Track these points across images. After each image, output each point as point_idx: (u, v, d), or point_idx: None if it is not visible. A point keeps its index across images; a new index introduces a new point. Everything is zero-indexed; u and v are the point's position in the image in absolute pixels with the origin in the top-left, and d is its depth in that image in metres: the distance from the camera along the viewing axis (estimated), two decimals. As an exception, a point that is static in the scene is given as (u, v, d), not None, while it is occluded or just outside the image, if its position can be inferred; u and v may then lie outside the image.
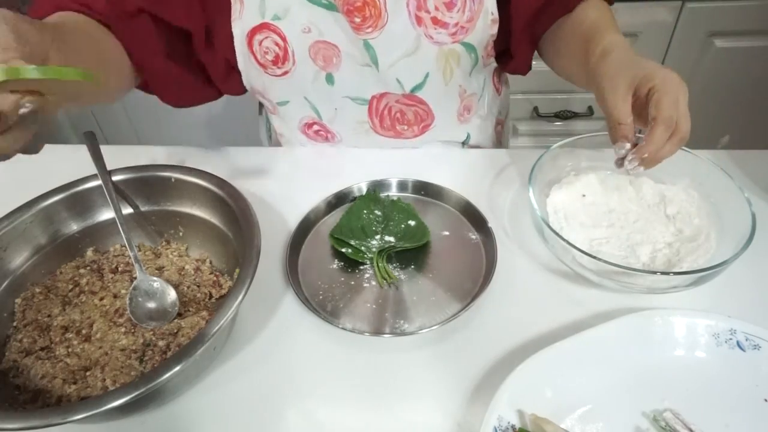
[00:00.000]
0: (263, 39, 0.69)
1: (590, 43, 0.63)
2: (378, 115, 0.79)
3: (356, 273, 0.64)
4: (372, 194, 0.72)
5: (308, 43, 0.70)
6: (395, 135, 0.81)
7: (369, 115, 0.78)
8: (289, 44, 0.70)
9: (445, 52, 0.71)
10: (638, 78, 0.54)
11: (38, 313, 0.58)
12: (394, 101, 0.76)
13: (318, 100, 0.78)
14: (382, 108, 0.77)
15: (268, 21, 0.68)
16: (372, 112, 0.78)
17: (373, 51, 0.69)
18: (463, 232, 0.68)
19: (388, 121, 0.79)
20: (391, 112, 0.78)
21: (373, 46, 0.69)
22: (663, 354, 0.52)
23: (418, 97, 0.76)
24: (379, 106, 0.77)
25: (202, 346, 0.46)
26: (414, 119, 0.79)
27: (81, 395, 0.52)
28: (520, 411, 0.48)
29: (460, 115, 0.81)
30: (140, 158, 0.69)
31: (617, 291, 0.60)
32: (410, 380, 0.54)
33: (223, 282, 0.62)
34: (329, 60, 0.71)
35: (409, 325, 0.58)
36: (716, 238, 0.60)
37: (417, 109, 0.77)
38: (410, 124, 0.79)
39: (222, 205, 0.62)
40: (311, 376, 0.55)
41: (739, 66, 1.42)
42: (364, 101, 0.77)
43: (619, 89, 0.55)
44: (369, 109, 0.78)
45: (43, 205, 0.62)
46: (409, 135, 0.81)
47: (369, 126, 0.80)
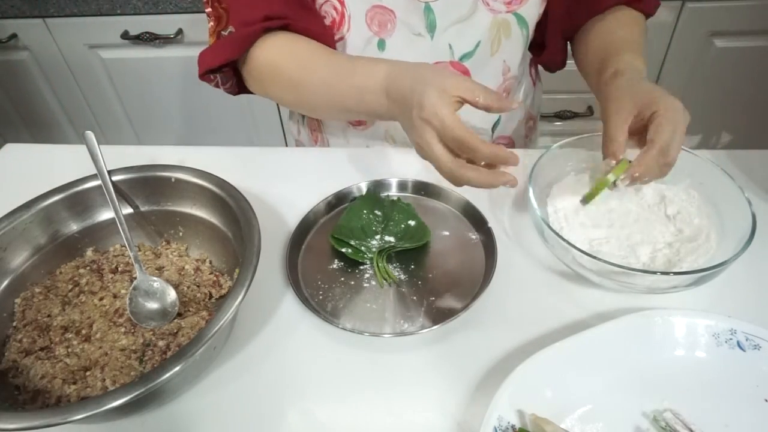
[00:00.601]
0: (323, 3, 0.71)
1: (607, 61, 0.65)
2: None
3: (356, 273, 0.64)
4: (372, 194, 0.72)
5: (366, 8, 0.71)
6: None
7: None
8: (346, 8, 0.71)
9: (498, 21, 0.72)
10: (643, 101, 0.56)
11: (38, 313, 0.58)
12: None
13: None
14: None
15: None
16: None
17: (432, 15, 0.70)
18: (463, 232, 0.68)
19: None
20: None
21: (433, 9, 0.70)
22: (663, 354, 0.52)
23: (463, 65, 0.76)
24: None
25: (202, 346, 0.46)
26: None
27: (81, 395, 0.52)
28: (520, 411, 0.48)
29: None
30: (140, 158, 0.69)
31: (617, 291, 0.60)
32: (410, 380, 0.54)
33: (223, 282, 0.62)
34: (384, 25, 0.72)
35: (409, 325, 0.58)
36: (716, 238, 0.60)
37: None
38: None
39: (222, 205, 0.62)
40: (311, 376, 0.55)
41: (739, 66, 1.42)
42: None
43: (622, 110, 0.56)
44: None
45: (43, 205, 0.62)
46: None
47: None
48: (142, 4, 1.38)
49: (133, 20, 1.41)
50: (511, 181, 0.53)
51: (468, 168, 0.53)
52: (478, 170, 0.53)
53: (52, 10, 1.41)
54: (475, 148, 0.51)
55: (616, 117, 0.56)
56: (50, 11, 1.42)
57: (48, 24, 1.44)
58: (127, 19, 1.41)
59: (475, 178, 0.53)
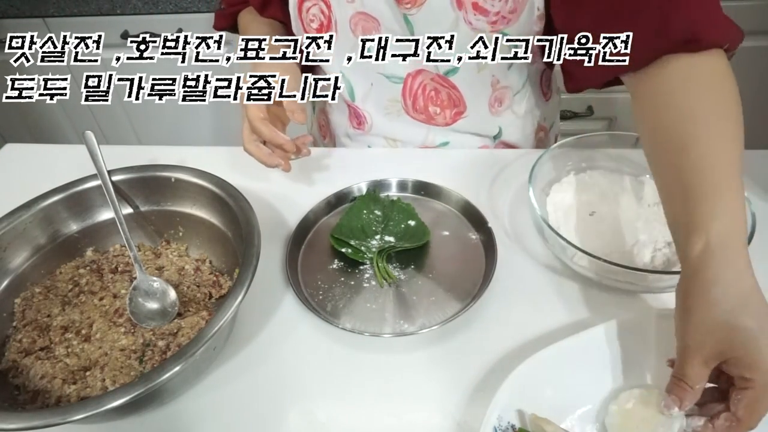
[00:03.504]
0: (311, 6, 0.73)
1: (685, 204, 0.46)
2: (411, 95, 0.78)
3: (356, 273, 0.64)
4: (372, 194, 0.72)
5: (350, 13, 0.71)
6: (427, 119, 0.80)
7: (402, 94, 0.78)
8: (333, 13, 0.71)
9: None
10: (736, 356, 0.41)
11: (38, 313, 0.58)
12: (429, 79, 0.76)
13: (353, 76, 0.79)
14: (417, 87, 0.77)
15: None
16: (406, 91, 0.78)
17: (411, 26, 0.70)
18: (463, 232, 0.68)
19: (421, 102, 0.79)
20: (425, 90, 0.78)
21: (411, 21, 0.69)
22: (663, 354, 0.52)
23: (450, 81, 0.75)
24: (413, 84, 0.77)
25: (202, 346, 0.46)
26: (447, 101, 0.78)
27: (81, 395, 0.52)
28: (520, 411, 0.48)
29: (491, 106, 0.79)
30: (140, 158, 0.69)
31: (617, 290, 0.60)
32: (410, 380, 0.54)
33: (223, 282, 0.62)
34: (368, 32, 0.72)
35: (409, 325, 0.58)
36: (716, 238, 0.60)
37: (450, 92, 0.77)
38: (443, 106, 0.79)
39: (222, 205, 0.62)
40: (311, 376, 0.55)
41: (739, 66, 1.42)
42: (399, 79, 0.77)
43: (705, 349, 0.41)
44: (403, 89, 0.78)
45: (43, 205, 0.62)
46: (441, 121, 0.80)
47: (401, 106, 0.80)
48: (142, 4, 1.38)
49: (133, 20, 1.41)
50: (282, 165, 0.69)
51: (254, 144, 0.69)
52: (260, 147, 0.69)
53: (52, 10, 1.41)
54: (256, 129, 0.67)
55: (697, 354, 0.42)
56: (50, 11, 1.42)
57: (48, 24, 1.44)
58: (127, 19, 1.41)
59: (254, 152, 0.69)
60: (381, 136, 0.84)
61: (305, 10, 0.73)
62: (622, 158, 0.71)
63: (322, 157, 0.83)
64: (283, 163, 0.69)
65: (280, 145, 0.68)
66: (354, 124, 0.85)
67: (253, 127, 0.67)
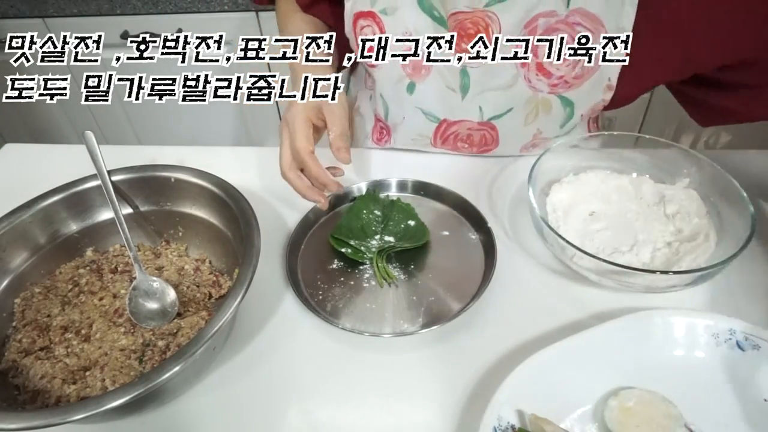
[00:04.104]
0: (365, 26, 0.69)
1: None
2: (442, 137, 0.78)
3: (356, 273, 0.64)
4: (372, 194, 0.72)
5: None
6: (452, 149, 0.80)
7: (434, 132, 0.77)
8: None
9: (538, 99, 0.68)
10: None
11: (38, 313, 0.58)
12: (465, 129, 0.75)
13: (392, 101, 0.77)
14: (451, 133, 0.76)
15: (375, 11, 0.67)
16: (438, 132, 0.77)
17: (467, 79, 0.68)
18: (463, 232, 0.68)
19: (451, 141, 0.78)
20: (458, 137, 0.77)
21: (469, 74, 0.68)
22: (662, 354, 0.52)
23: (491, 123, 0.74)
24: (448, 130, 0.76)
25: (201, 346, 0.46)
26: (479, 142, 0.77)
27: (80, 395, 0.52)
28: (520, 411, 0.48)
29: (524, 148, 0.78)
30: (140, 158, 0.69)
31: (617, 290, 0.60)
32: (410, 380, 0.54)
33: (223, 282, 0.62)
34: (418, 70, 0.70)
35: (409, 325, 0.58)
36: (715, 237, 0.60)
37: (485, 133, 0.75)
38: (472, 145, 0.78)
39: (222, 205, 0.62)
40: (311, 376, 0.55)
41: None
42: (436, 119, 0.75)
43: None
44: (436, 129, 0.77)
45: (43, 205, 0.62)
46: (466, 153, 0.80)
47: (429, 141, 0.79)
48: (141, 4, 1.38)
49: (133, 20, 1.41)
50: (321, 203, 0.65)
51: (295, 173, 0.64)
52: (301, 178, 0.64)
53: (52, 10, 1.41)
54: (305, 163, 0.63)
55: None
56: (50, 11, 1.42)
57: (48, 24, 1.44)
58: (127, 19, 1.41)
59: (294, 182, 0.64)
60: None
61: (359, 28, 0.70)
62: (622, 158, 0.71)
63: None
64: (322, 201, 0.65)
65: (324, 185, 0.64)
66: (375, 138, 0.84)
67: (300, 159, 0.63)
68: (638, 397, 0.48)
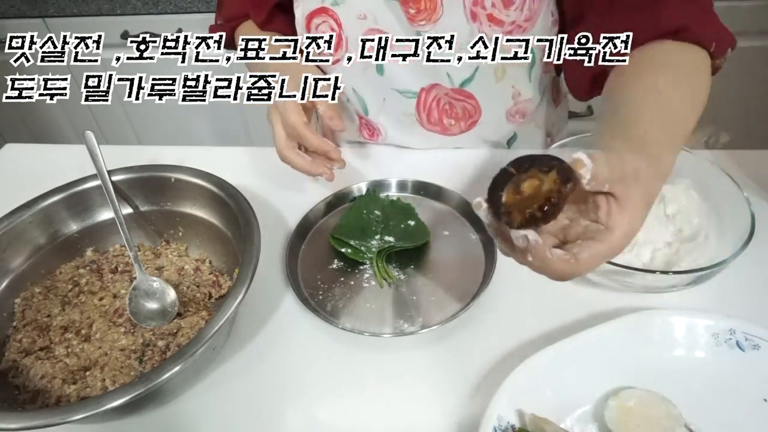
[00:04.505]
0: (320, 23, 0.71)
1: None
2: (426, 109, 0.78)
3: (356, 273, 0.64)
4: (372, 194, 0.72)
5: (362, 30, 0.70)
6: (441, 130, 0.80)
7: (417, 108, 0.78)
8: (343, 30, 0.71)
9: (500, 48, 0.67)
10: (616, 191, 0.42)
11: (38, 313, 0.58)
12: (443, 94, 0.76)
13: (366, 91, 0.78)
14: (431, 100, 0.77)
15: (327, 6, 0.69)
16: (420, 105, 0.77)
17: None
18: (463, 232, 0.68)
19: (436, 115, 0.78)
20: (439, 104, 0.77)
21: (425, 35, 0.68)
22: (662, 354, 0.52)
23: (467, 91, 0.74)
24: (428, 98, 0.76)
25: (201, 346, 0.46)
26: (462, 114, 0.78)
27: (80, 395, 0.52)
28: (520, 411, 0.48)
29: (511, 116, 0.79)
30: (140, 158, 0.69)
31: (617, 290, 0.60)
32: (410, 380, 0.54)
33: (223, 282, 0.62)
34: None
35: (409, 325, 0.58)
36: (715, 237, 0.60)
37: (465, 104, 0.76)
38: (458, 119, 0.78)
39: (222, 205, 0.62)
40: (311, 376, 0.55)
41: (739, 66, 1.42)
42: (413, 94, 0.76)
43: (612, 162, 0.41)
44: (417, 103, 0.77)
45: (43, 205, 0.62)
46: (456, 131, 0.80)
47: (416, 119, 0.79)
48: (142, 4, 1.38)
49: (133, 20, 1.41)
50: (327, 174, 0.64)
51: (293, 151, 0.64)
52: (301, 156, 0.64)
53: (52, 10, 1.41)
54: (302, 136, 0.62)
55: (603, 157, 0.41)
56: (50, 11, 1.42)
57: (48, 24, 1.44)
58: (127, 19, 1.41)
59: (295, 160, 0.64)
60: (394, 145, 0.84)
61: (314, 27, 0.72)
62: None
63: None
64: (328, 172, 0.65)
65: (326, 152, 0.64)
66: (365, 135, 0.85)
67: (297, 133, 0.63)
68: (638, 397, 0.48)
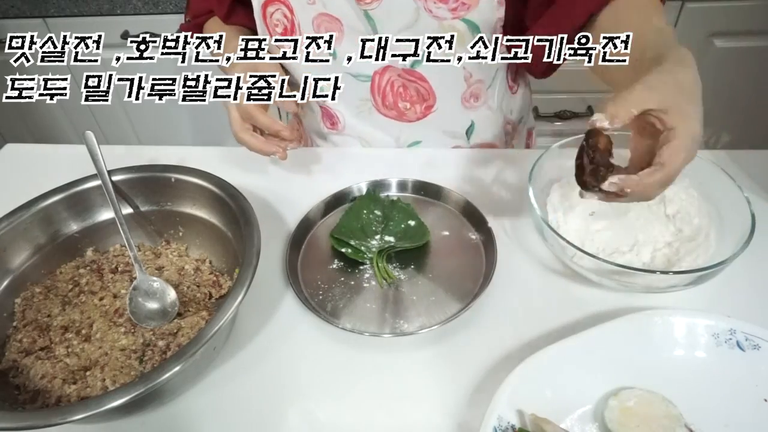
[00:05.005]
0: (274, 11, 0.72)
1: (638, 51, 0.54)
2: (380, 92, 0.78)
3: (356, 273, 0.64)
4: (372, 194, 0.72)
5: (312, 15, 0.71)
6: (398, 115, 0.80)
7: (371, 92, 0.78)
8: (295, 16, 0.71)
9: (445, 28, 0.69)
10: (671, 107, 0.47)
11: (38, 313, 0.58)
12: (396, 75, 0.76)
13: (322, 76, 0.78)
14: (385, 83, 0.77)
15: None
16: (375, 88, 0.78)
17: (373, 22, 0.69)
18: (463, 232, 0.68)
19: (391, 98, 0.79)
20: (393, 87, 0.77)
21: (372, 17, 0.69)
22: (663, 354, 0.52)
23: (418, 72, 0.75)
24: (381, 82, 0.77)
25: (201, 346, 0.46)
26: (416, 96, 0.78)
27: (81, 395, 0.52)
28: (520, 411, 0.48)
29: (465, 101, 0.79)
30: (140, 158, 0.69)
31: (617, 290, 0.60)
32: (410, 380, 0.54)
33: (223, 282, 0.62)
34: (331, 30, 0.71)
35: (409, 325, 0.58)
36: (716, 237, 0.60)
37: (418, 86, 0.76)
38: (413, 101, 0.78)
39: (222, 205, 0.62)
40: (311, 376, 0.55)
41: (739, 66, 1.42)
42: (367, 77, 0.77)
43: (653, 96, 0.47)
44: (371, 86, 0.78)
45: (43, 205, 0.62)
46: (412, 116, 0.80)
47: (371, 104, 0.80)
48: (142, 4, 1.38)
49: (133, 20, 1.41)
50: (279, 153, 0.68)
51: (248, 133, 0.67)
52: (255, 136, 0.68)
53: (52, 10, 1.41)
54: (254, 117, 0.66)
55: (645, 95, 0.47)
56: (50, 11, 1.42)
57: (48, 24, 1.44)
58: (127, 19, 1.41)
59: (249, 141, 0.68)
60: (355, 137, 0.84)
61: (269, 15, 0.73)
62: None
63: (322, 156, 0.83)
64: (280, 151, 0.68)
65: (277, 132, 0.67)
66: (328, 125, 0.85)
67: (249, 115, 0.66)
68: (638, 397, 0.48)
